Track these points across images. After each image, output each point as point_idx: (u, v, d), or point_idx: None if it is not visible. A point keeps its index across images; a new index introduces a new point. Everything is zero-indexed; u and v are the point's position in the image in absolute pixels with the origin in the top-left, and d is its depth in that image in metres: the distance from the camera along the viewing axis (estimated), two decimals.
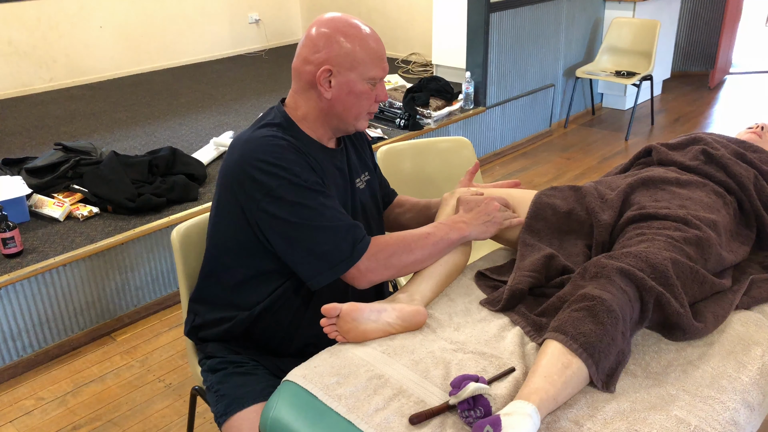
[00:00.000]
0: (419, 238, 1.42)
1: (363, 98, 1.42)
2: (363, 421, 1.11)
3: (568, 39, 4.84)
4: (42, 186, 2.92)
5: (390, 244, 1.39)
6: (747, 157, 1.66)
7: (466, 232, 1.47)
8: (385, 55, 1.44)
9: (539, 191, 1.61)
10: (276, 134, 1.38)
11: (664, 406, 1.12)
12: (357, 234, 1.37)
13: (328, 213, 1.35)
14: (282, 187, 1.32)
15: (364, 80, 1.40)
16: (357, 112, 1.43)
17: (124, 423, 2.22)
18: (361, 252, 1.36)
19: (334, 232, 1.34)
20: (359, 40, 1.38)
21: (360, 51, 1.38)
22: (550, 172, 4.23)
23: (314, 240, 1.33)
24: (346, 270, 1.35)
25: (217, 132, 3.92)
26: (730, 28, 5.92)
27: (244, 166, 1.34)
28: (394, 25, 5.85)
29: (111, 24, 5.20)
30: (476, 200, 1.53)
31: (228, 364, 1.48)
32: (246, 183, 1.34)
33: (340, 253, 1.34)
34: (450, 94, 4.17)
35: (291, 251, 1.35)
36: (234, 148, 1.40)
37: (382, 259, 1.38)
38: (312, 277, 1.36)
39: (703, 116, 5.20)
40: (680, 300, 1.27)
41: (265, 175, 1.33)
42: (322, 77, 1.38)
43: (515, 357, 1.23)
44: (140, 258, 2.77)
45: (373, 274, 1.38)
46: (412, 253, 1.40)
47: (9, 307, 2.42)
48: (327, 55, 1.37)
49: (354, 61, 1.38)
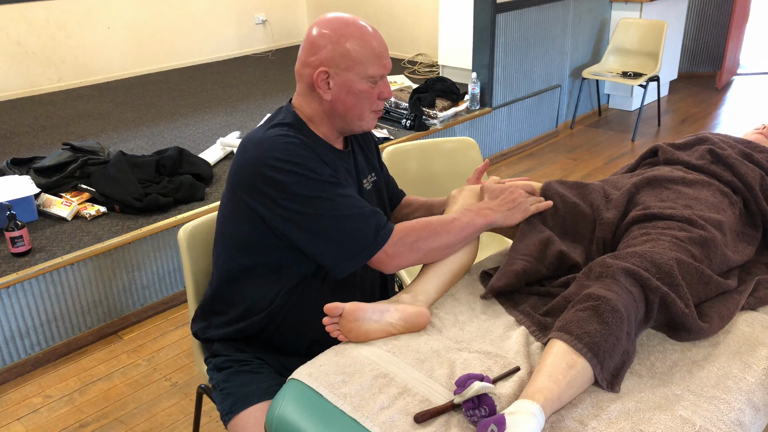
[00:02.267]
0: (445, 223, 1.42)
1: (363, 97, 1.41)
2: (368, 419, 1.11)
3: (574, 40, 4.83)
4: (50, 185, 2.94)
5: (416, 228, 1.39)
6: (754, 158, 1.66)
7: (492, 218, 1.46)
8: (387, 53, 1.42)
9: (547, 180, 1.62)
10: (288, 133, 1.38)
11: (669, 406, 1.12)
12: (380, 220, 1.37)
13: (348, 202, 1.35)
14: (298, 183, 1.32)
15: (363, 79, 1.39)
16: (359, 112, 1.42)
17: (130, 421, 2.23)
18: (386, 237, 1.36)
19: (356, 219, 1.34)
20: (356, 39, 1.37)
21: (357, 50, 1.37)
22: (557, 173, 4.23)
23: (336, 229, 1.33)
24: (371, 256, 1.36)
25: (223, 132, 3.94)
26: (738, 28, 5.89)
27: (258, 166, 1.34)
28: (400, 25, 5.86)
29: (119, 25, 5.22)
30: (501, 188, 1.53)
31: (233, 362, 1.49)
32: (261, 182, 1.34)
33: (364, 239, 1.34)
34: (456, 95, 4.18)
35: (314, 243, 1.35)
36: (246, 149, 1.40)
37: (408, 243, 1.37)
38: (337, 265, 1.36)
39: (710, 117, 5.18)
40: (685, 300, 1.27)
41: (280, 172, 1.33)
42: (319, 79, 1.38)
43: (520, 356, 1.24)
44: (147, 257, 2.78)
45: (400, 259, 1.38)
46: (439, 238, 1.40)
47: (17, 305, 2.44)
48: (324, 56, 1.37)
49: (351, 61, 1.37)
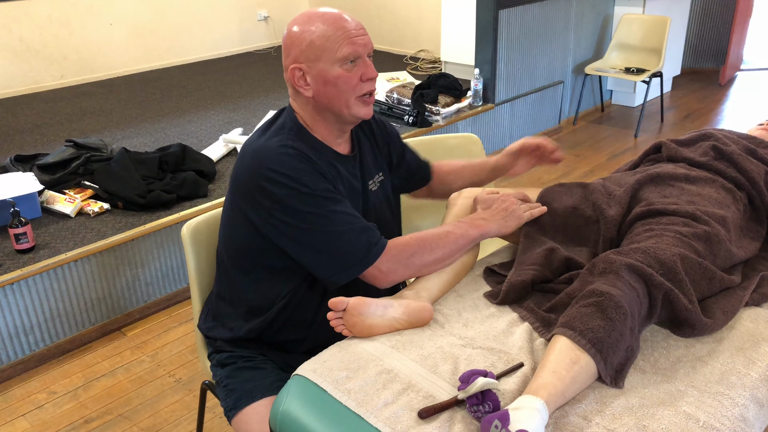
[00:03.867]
0: (439, 237, 1.41)
1: (341, 83, 1.35)
2: (372, 415, 1.11)
3: (577, 35, 4.82)
4: (53, 182, 2.94)
5: (410, 244, 1.39)
6: (758, 153, 1.65)
7: (486, 228, 1.46)
8: (359, 31, 1.35)
9: (545, 187, 1.61)
10: (286, 143, 1.36)
11: (672, 402, 1.12)
12: (372, 236, 1.36)
13: (340, 218, 1.34)
14: (291, 197, 1.32)
15: (334, 65, 1.34)
16: (344, 99, 1.37)
17: (134, 417, 2.24)
18: (377, 254, 1.35)
19: (347, 235, 1.33)
20: (318, 26, 1.33)
21: (320, 36, 1.33)
22: (559, 169, 4.22)
23: (328, 243, 1.33)
24: (361, 271, 1.35)
25: (226, 129, 3.94)
26: (741, 24, 5.87)
27: (253, 176, 1.34)
28: (402, 22, 5.85)
29: (121, 21, 5.22)
30: (492, 198, 1.53)
31: (237, 358, 1.49)
32: (256, 192, 1.34)
33: (355, 254, 1.34)
34: (459, 91, 4.17)
35: (306, 254, 1.35)
36: (245, 155, 1.39)
37: (403, 259, 1.37)
38: (329, 276, 1.36)
39: (713, 113, 5.17)
40: (689, 296, 1.27)
41: (274, 185, 1.32)
42: (295, 77, 1.37)
43: (524, 352, 1.24)
44: (150, 254, 2.79)
45: (395, 275, 1.38)
46: (433, 252, 1.40)
47: (21, 302, 2.44)
48: (294, 54, 1.36)
49: (317, 50, 1.34)
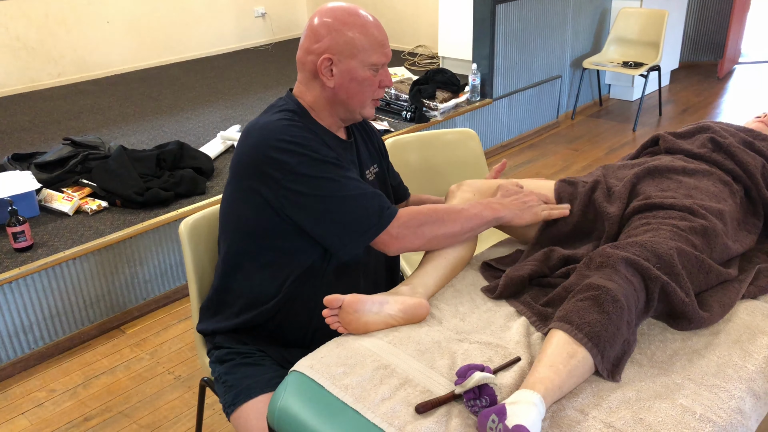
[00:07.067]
0: (453, 212, 1.42)
1: (366, 85, 1.43)
2: (370, 410, 1.11)
3: (575, 30, 4.81)
4: (51, 180, 2.94)
5: (422, 212, 1.40)
6: (755, 146, 1.65)
7: (501, 213, 1.47)
8: (387, 42, 1.44)
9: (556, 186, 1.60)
10: (292, 118, 1.40)
11: (669, 395, 1.13)
12: (383, 202, 1.38)
13: (352, 184, 1.36)
14: (302, 164, 1.34)
15: (365, 67, 1.41)
16: (361, 99, 1.44)
17: (134, 414, 2.24)
18: (390, 218, 1.37)
19: (360, 200, 1.36)
20: (359, 27, 1.39)
21: (360, 38, 1.39)
22: (558, 163, 4.22)
23: (341, 210, 1.35)
24: (375, 236, 1.37)
25: (224, 126, 3.93)
26: (739, 17, 5.87)
27: (262, 149, 1.36)
28: (400, 17, 5.84)
29: (118, 19, 5.21)
30: (515, 189, 1.55)
31: (235, 354, 1.49)
32: (266, 165, 1.35)
33: (368, 219, 1.36)
34: (456, 86, 4.17)
35: (319, 224, 1.36)
36: (249, 134, 1.41)
37: (413, 227, 1.39)
38: (342, 247, 1.37)
39: (711, 106, 5.17)
40: (686, 289, 1.27)
41: (284, 153, 1.34)
42: (323, 66, 1.40)
43: (521, 347, 1.24)
44: (149, 251, 2.79)
45: (404, 241, 1.39)
46: (444, 225, 1.40)
47: (20, 300, 2.45)
48: (327, 44, 1.39)
49: (354, 49, 1.39)
